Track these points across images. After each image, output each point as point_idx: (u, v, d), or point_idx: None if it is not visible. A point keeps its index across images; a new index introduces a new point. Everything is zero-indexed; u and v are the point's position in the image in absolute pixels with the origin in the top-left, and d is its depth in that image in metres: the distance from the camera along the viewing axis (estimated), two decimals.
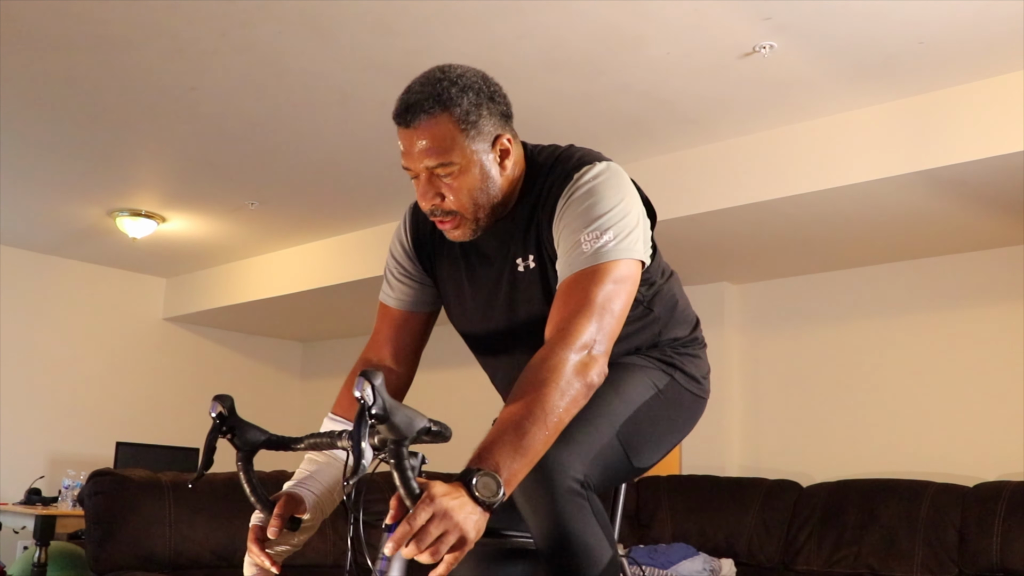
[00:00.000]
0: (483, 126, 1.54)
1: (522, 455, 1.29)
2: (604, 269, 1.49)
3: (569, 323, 1.44)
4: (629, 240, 1.53)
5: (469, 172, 1.54)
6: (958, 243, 4.75)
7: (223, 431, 1.42)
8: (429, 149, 1.51)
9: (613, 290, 1.49)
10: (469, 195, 1.55)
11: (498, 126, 1.57)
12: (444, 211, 1.57)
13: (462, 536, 1.20)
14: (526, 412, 1.33)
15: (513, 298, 1.66)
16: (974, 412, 4.69)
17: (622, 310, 1.51)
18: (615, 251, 1.50)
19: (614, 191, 1.56)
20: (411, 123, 1.51)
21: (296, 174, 5.07)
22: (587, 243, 1.50)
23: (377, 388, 1.17)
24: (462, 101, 1.51)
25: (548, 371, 1.38)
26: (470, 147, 1.53)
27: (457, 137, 1.51)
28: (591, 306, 1.45)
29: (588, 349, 1.43)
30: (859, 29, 3.33)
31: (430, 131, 1.50)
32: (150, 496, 3.34)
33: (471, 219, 1.58)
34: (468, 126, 1.52)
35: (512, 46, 3.54)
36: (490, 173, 1.57)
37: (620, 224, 1.53)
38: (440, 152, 1.51)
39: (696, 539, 4.79)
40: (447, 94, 1.51)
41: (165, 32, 3.53)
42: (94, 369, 7.13)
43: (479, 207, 1.58)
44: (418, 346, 1.83)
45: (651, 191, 1.76)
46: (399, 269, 1.80)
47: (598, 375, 1.43)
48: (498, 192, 1.59)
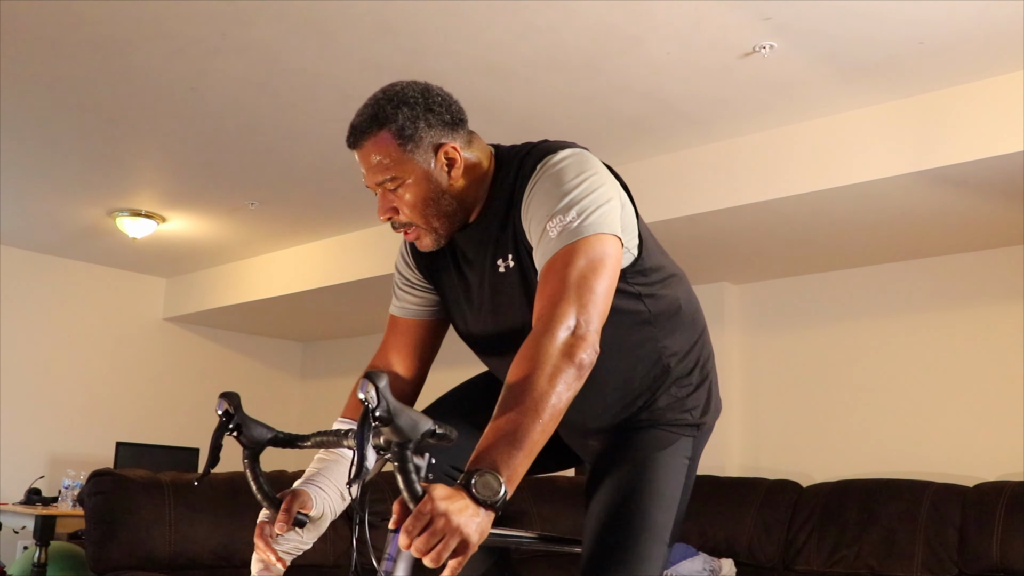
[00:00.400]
0: (421, 138, 1.56)
1: (518, 448, 1.28)
2: (575, 248, 1.47)
3: (548, 311, 1.42)
4: (597, 215, 1.50)
5: (415, 184, 1.57)
6: (958, 243, 4.75)
7: (230, 429, 1.42)
8: (375, 166, 1.57)
9: (587, 266, 1.45)
10: (417, 206, 1.59)
11: (440, 135, 1.58)
12: (399, 223, 1.62)
13: (463, 540, 1.19)
14: (517, 405, 1.32)
15: (496, 299, 1.66)
16: (974, 412, 4.69)
17: (604, 286, 1.47)
18: (582, 228, 1.48)
19: (575, 172, 1.54)
20: (355, 145, 1.58)
21: (296, 174, 5.07)
22: (553, 228, 1.49)
23: (381, 390, 1.17)
24: (397, 117, 1.55)
25: (532, 360, 1.36)
26: (411, 160, 1.56)
27: (396, 152, 1.56)
28: (567, 287, 1.43)
29: (571, 330, 1.40)
30: (859, 29, 3.33)
31: (373, 149, 1.56)
32: (150, 496, 3.34)
33: (427, 229, 1.62)
34: (405, 140, 1.55)
35: (512, 46, 3.54)
36: (438, 183, 1.59)
37: (585, 201, 1.50)
38: (383, 168, 1.56)
39: (696, 539, 4.79)
40: (383, 112, 1.56)
41: (165, 32, 3.53)
42: (94, 369, 7.12)
43: (431, 217, 1.61)
44: (426, 355, 1.83)
45: (651, 191, 1.77)
46: (402, 279, 1.83)
47: (587, 354, 1.40)
48: (450, 200, 1.61)
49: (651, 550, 1.59)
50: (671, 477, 1.67)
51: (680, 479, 1.68)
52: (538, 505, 4.75)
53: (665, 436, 1.70)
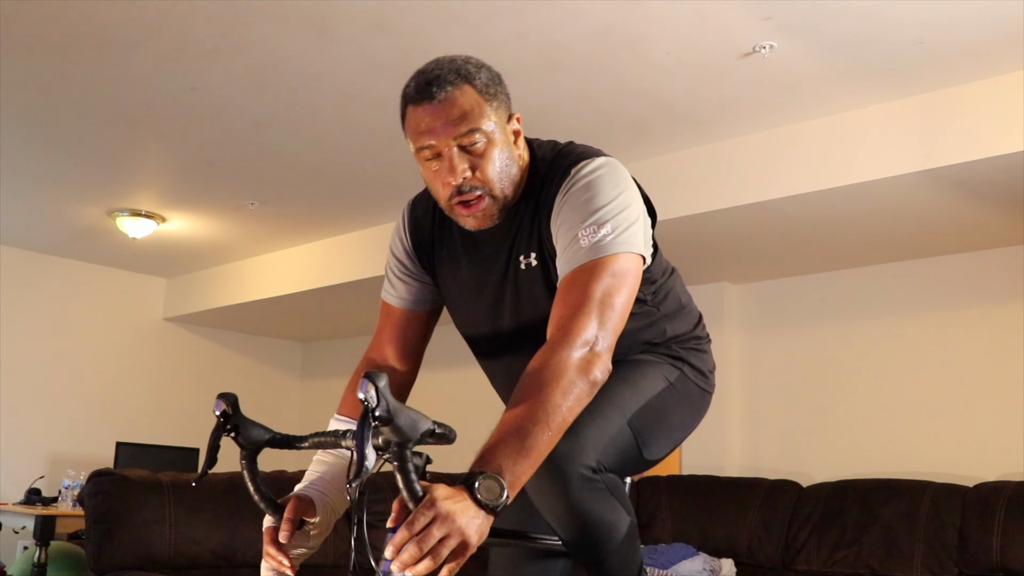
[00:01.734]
0: (501, 99, 1.56)
1: (525, 456, 1.28)
2: (603, 263, 1.47)
3: (569, 321, 1.42)
4: (628, 234, 1.51)
5: (495, 143, 1.54)
6: (958, 243, 4.75)
7: (227, 429, 1.41)
8: (460, 117, 1.50)
9: (613, 284, 1.46)
10: (497, 168, 1.54)
11: (510, 106, 1.59)
12: (473, 186, 1.54)
13: (463, 541, 1.18)
14: (528, 413, 1.31)
15: (517, 297, 1.64)
16: (974, 412, 4.69)
17: (624, 305, 1.48)
18: (614, 244, 1.48)
19: (612, 185, 1.54)
20: (436, 96, 1.50)
21: (296, 174, 5.07)
22: (585, 238, 1.49)
23: (381, 390, 1.17)
24: (480, 75, 1.54)
25: (549, 371, 1.36)
26: (493, 117, 1.54)
27: (484, 106, 1.52)
28: (591, 302, 1.43)
29: (590, 346, 1.40)
30: (859, 29, 3.33)
31: (457, 101, 1.50)
32: (150, 496, 3.34)
33: (498, 197, 1.56)
34: (490, 97, 1.53)
35: (512, 46, 3.54)
36: (511, 148, 1.58)
37: (618, 217, 1.51)
38: (469, 119, 1.51)
39: (696, 539, 4.79)
40: (465, 69, 1.53)
41: (165, 32, 3.53)
42: (94, 369, 7.12)
43: (505, 183, 1.56)
44: (421, 344, 1.82)
45: (651, 191, 1.76)
46: (399, 267, 1.79)
47: (601, 372, 1.41)
48: (516, 172, 1.59)
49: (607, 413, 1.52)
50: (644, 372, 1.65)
51: (655, 384, 1.64)
52: None
53: (648, 355, 1.70)
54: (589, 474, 1.43)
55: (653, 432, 1.60)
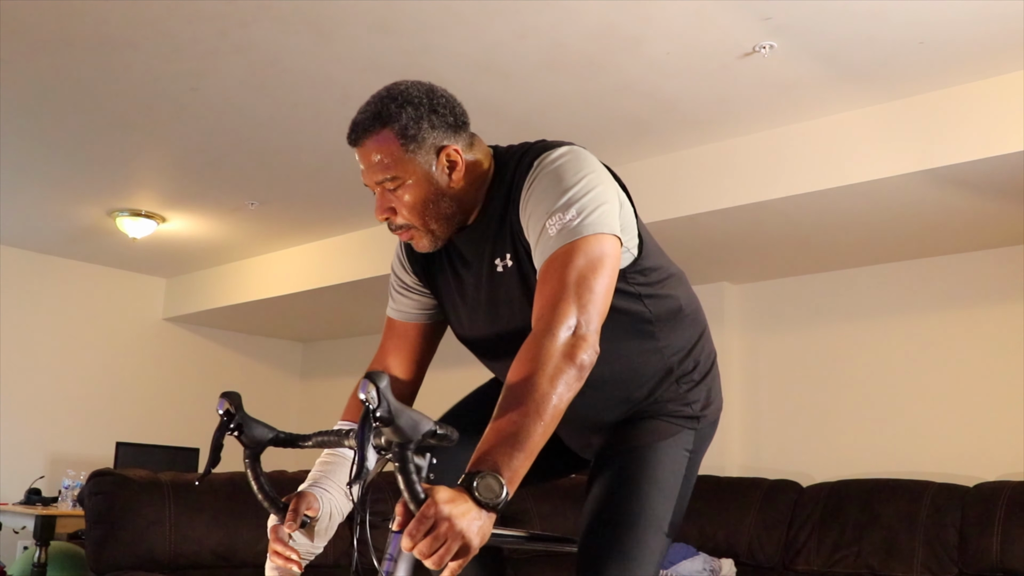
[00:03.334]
0: (424, 139, 1.55)
1: (520, 450, 1.28)
2: (574, 247, 1.46)
3: (549, 310, 1.41)
4: (596, 214, 1.49)
5: (415, 186, 1.56)
6: (958, 243, 4.75)
7: (230, 428, 1.42)
8: (375, 165, 1.55)
9: (587, 265, 1.44)
10: (416, 208, 1.57)
11: (442, 137, 1.57)
12: (396, 225, 1.60)
13: (465, 543, 1.19)
14: (518, 406, 1.31)
15: (494, 299, 1.65)
16: (974, 412, 4.69)
17: (604, 286, 1.46)
18: (581, 227, 1.47)
19: (574, 170, 1.53)
20: (356, 142, 1.57)
21: (296, 174, 5.07)
22: (552, 226, 1.48)
23: (382, 390, 1.17)
24: (401, 116, 1.54)
25: (534, 361, 1.35)
26: (413, 160, 1.55)
27: (398, 152, 1.54)
28: (566, 287, 1.42)
29: (572, 330, 1.39)
30: (859, 29, 3.33)
31: (374, 148, 1.55)
32: (150, 496, 3.34)
33: (424, 231, 1.60)
34: (407, 140, 1.54)
35: (512, 46, 3.54)
36: (438, 185, 1.58)
37: (584, 200, 1.49)
38: (384, 167, 1.55)
39: (696, 539, 4.79)
40: (387, 111, 1.54)
41: (165, 32, 3.53)
42: (94, 369, 7.13)
43: (429, 219, 1.59)
44: (423, 358, 1.84)
45: (651, 191, 1.76)
46: (399, 282, 1.82)
47: (588, 355, 1.39)
48: (449, 203, 1.60)
49: (649, 538, 1.58)
50: (670, 466, 1.66)
51: (680, 470, 1.67)
52: (538, 504, 4.75)
53: (665, 427, 1.70)
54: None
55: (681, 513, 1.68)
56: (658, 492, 1.62)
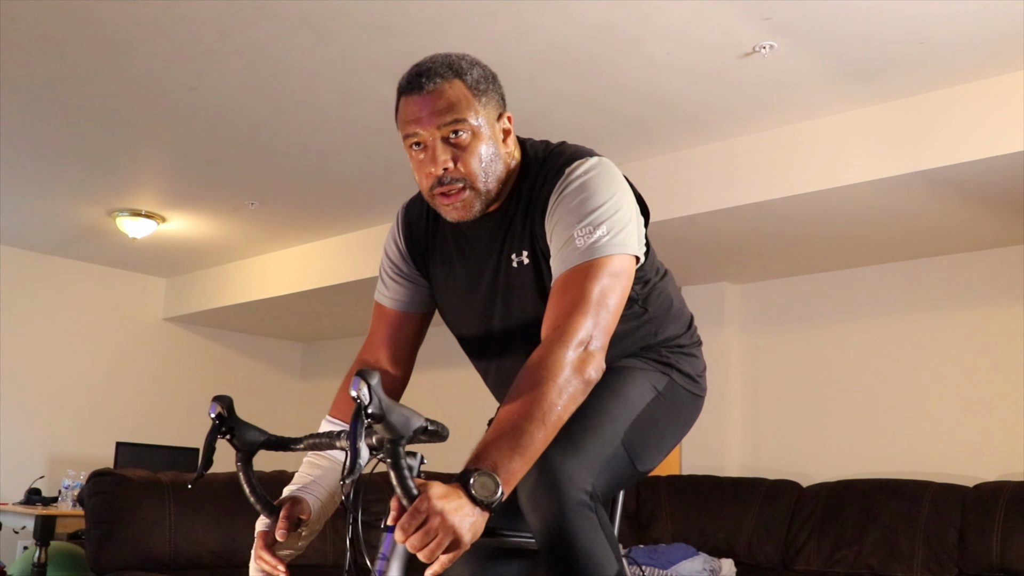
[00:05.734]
0: (491, 96, 1.58)
1: (520, 454, 1.28)
2: (599, 264, 1.48)
3: (565, 320, 1.43)
4: (623, 235, 1.52)
5: (480, 138, 1.55)
6: (958, 243, 4.75)
7: (222, 432, 1.42)
8: (445, 108, 1.52)
9: (608, 285, 1.47)
10: (481, 159, 1.55)
11: (501, 104, 1.61)
12: (454, 178, 1.54)
13: (456, 539, 1.20)
14: (524, 411, 1.32)
15: (508, 294, 1.65)
16: (974, 412, 4.69)
17: (617, 305, 1.49)
18: (609, 246, 1.49)
19: (606, 186, 1.55)
20: (425, 87, 1.53)
21: (296, 174, 5.07)
22: (581, 238, 1.49)
23: (373, 387, 1.17)
24: (473, 71, 1.56)
25: (545, 369, 1.37)
26: (482, 112, 1.56)
27: (471, 100, 1.55)
28: (587, 302, 1.44)
29: (585, 345, 1.41)
30: (859, 29, 3.33)
31: (445, 92, 1.53)
32: (150, 496, 3.34)
33: (480, 190, 1.56)
34: (479, 93, 1.56)
35: (512, 46, 3.54)
36: (497, 144, 1.59)
37: (613, 219, 1.52)
38: (455, 109, 1.53)
39: (696, 539, 4.79)
40: (458, 64, 1.56)
41: (165, 32, 3.53)
42: (94, 369, 7.13)
43: (489, 176, 1.57)
44: (414, 346, 1.83)
45: (651, 191, 1.77)
46: (393, 269, 1.80)
47: (596, 371, 1.42)
48: (502, 169, 1.59)
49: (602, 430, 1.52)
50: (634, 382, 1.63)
51: (644, 395, 1.63)
52: None
53: (636, 361, 1.69)
54: (585, 498, 1.42)
55: (646, 445, 1.60)
56: (615, 396, 1.56)
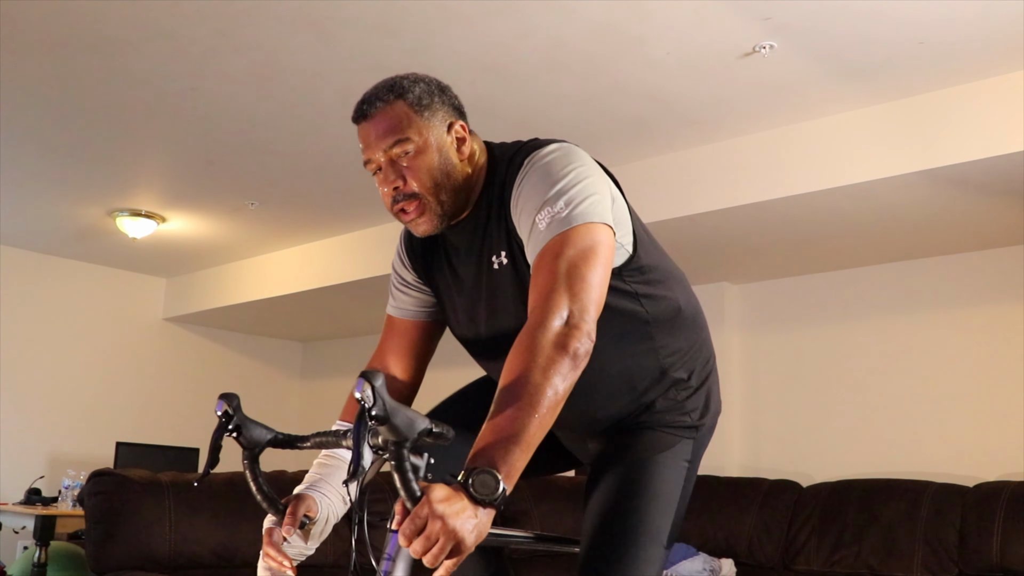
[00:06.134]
0: (436, 110, 1.59)
1: (516, 445, 1.26)
2: (564, 238, 1.45)
3: (540, 303, 1.40)
4: (586, 204, 1.48)
5: (427, 151, 1.57)
6: (958, 243, 4.75)
7: (229, 430, 1.42)
8: (387, 130, 1.56)
9: (577, 255, 1.43)
10: (429, 175, 1.57)
11: (452, 114, 1.62)
12: (405, 195, 1.57)
13: (458, 542, 1.18)
14: (512, 400, 1.30)
15: (492, 296, 1.65)
16: (974, 412, 4.69)
17: (598, 276, 1.44)
18: (570, 218, 1.46)
19: (562, 164, 1.54)
20: (367, 113, 1.58)
21: (296, 174, 5.07)
22: (542, 220, 1.48)
23: (377, 389, 1.17)
24: (414, 89, 1.59)
25: (527, 352, 1.34)
26: (426, 126, 1.57)
27: (412, 117, 1.57)
28: (557, 278, 1.41)
29: (565, 320, 1.38)
30: (859, 29, 3.33)
31: (386, 116, 1.57)
32: (150, 496, 3.34)
33: (434, 203, 1.57)
34: (421, 108, 1.58)
35: (512, 46, 3.54)
36: (448, 155, 1.59)
37: (572, 191, 1.49)
38: (397, 130, 1.56)
39: (696, 539, 4.79)
40: (399, 86, 1.59)
41: (165, 32, 3.53)
42: (94, 369, 7.13)
43: (440, 189, 1.57)
44: (422, 357, 1.83)
45: (651, 191, 1.77)
46: (399, 279, 1.83)
47: (582, 344, 1.37)
48: (458, 176, 1.60)
49: (648, 552, 1.58)
50: (669, 479, 1.66)
51: (679, 482, 1.67)
52: (538, 505, 4.75)
53: (664, 438, 1.69)
54: None
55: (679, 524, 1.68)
56: (656, 506, 1.61)
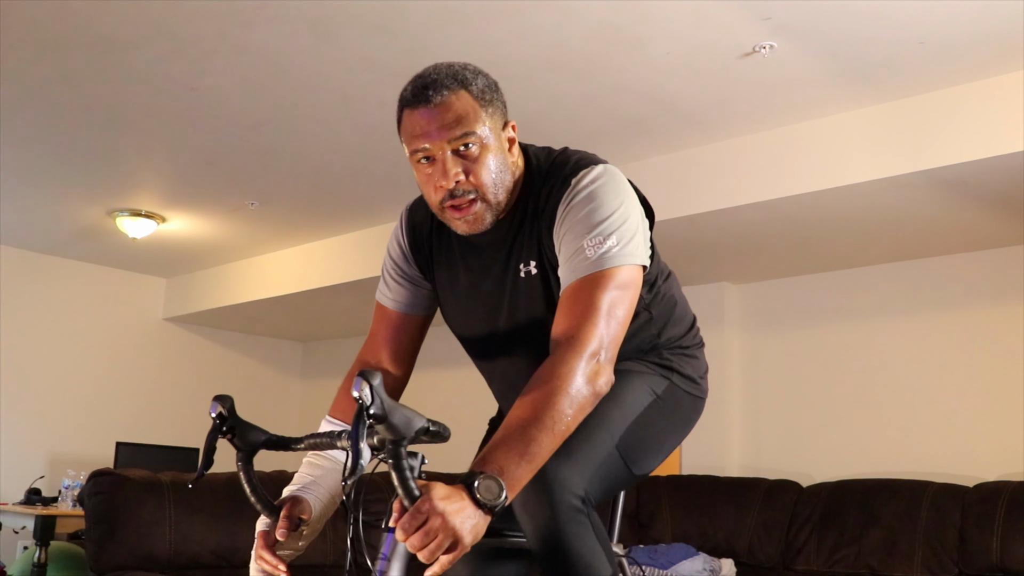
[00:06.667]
0: (497, 107, 1.57)
1: (528, 461, 1.29)
2: (608, 275, 1.48)
3: (576, 330, 1.43)
4: (632, 245, 1.53)
5: (489, 148, 1.54)
6: (958, 243, 4.75)
7: (223, 431, 1.42)
8: (454, 121, 1.51)
9: (618, 296, 1.48)
10: (490, 172, 1.54)
11: (505, 113, 1.60)
12: (465, 190, 1.53)
13: (456, 540, 1.20)
14: (534, 418, 1.32)
15: (515, 303, 1.65)
16: (974, 412, 4.69)
17: (626, 316, 1.50)
18: (619, 256, 1.50)
19: (613, 195, 1.55)
20: (432, 99, 1.51)
21: (296, 174, 5.07)
22: (590, 249, 1.50)
23: (375, 388, 1.17)
24: (477, 81, 1.55)
25: (559, 378, 1.37)
26: (489, 122, 1.54)
27: (479, 111, 1.53)
28: (597, 313, 1.45)
29: (596, 357, 1.42)
30: (859, 29, 3.33)
31: (453, 105, 1.51)
32: (150, 496, 3.34)
33: (491, 202, 1.56)
34: (486, 103, 1.55)
35: (512, 46, 3.54)
36: (504, 154, 1.58)
37: (622, 229, 1.52)
38: (464, 122, 1.51)
39: (696, 539, 4.79)
40: (462, 75, 1.54)
41: (165, 32, 3.53)
42: (94, 369, 7.13)
43: (499, 188, 1.56)
44: (414, 348, 1.83)
45: (651, 191, 1.77)
46: (396, 270, 1.80)
47: (606, 383, 1.43)
48: (510, 179, 1.59)
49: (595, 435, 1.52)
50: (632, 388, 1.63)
51: (642, 399, 1.64)
52: None
53: (636, 364, 1.69)
54: (578, 504, 1.43)
55: (642, 449, 1.61)
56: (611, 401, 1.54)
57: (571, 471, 1.44)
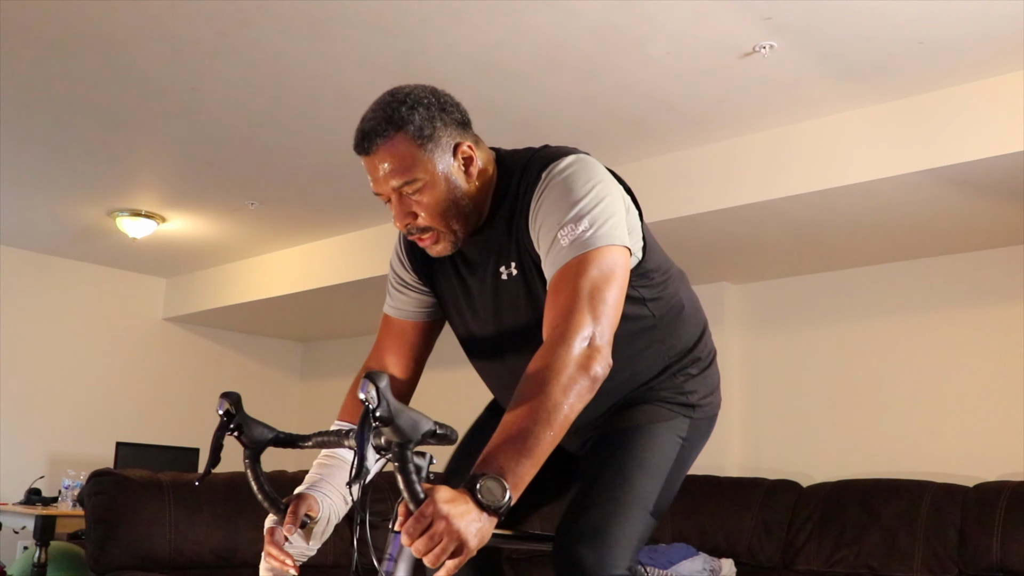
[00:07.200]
0: (439, 137, 1.55)
1: (527, 457, 1.28)
2: (587, 259, 1.46)
3: (563, 320, 1.42)
4: (608, 226, 1.50)
5: (435, 186, 1.54)
6: (958, 243, 4.75)
7: (230, 429, 1.42)
8: (392, 170, 1.53)
9: (600, 277, 1.45)
10: (439, 208, 1.55)
11: (455, 135, 1.57)
12: (419, 228, 1.58)
13: (461, 543, 1.19)
14: (529, 413, 1.31)
15: (499, 306, 1.66)
16: (974, 412, 4.69)
17: (615, 298, 1.47)
18: (594, 239, 1.48)
19: (584, 180, 1.54)
20: (369, 150, 1.54)
21: (296, 174, 5.07)
22: (565, 236, 1.48)
23: (382, 390, 1.17)
24: (414, 118, 1.53)
25: (549, 370, 1.36)
26: (431, 160, 1.54)
27: (416, 153, 1.53)
28: (580, 298, 1.43)
29: (588, 341, 1.40)
30: (859, 29, 3.33)
31: (389, 153, 1.53)
32: (150, 496, 3.34)
33: (447, 232, 1.59)
34: (424, 140, 1.53)
35: (512, 46, 3.54)
36: (456, 183, 1.57)
37: (595, 211, 1.50)
38: (402, 171, 1.53)
39: (696, 539, 4.79)
40: (397, 114, 1.53)
41: (165, 32, 3.53)
42: (94, 369, 7.12)
43: (452, 219, 1.58)
44: (420, 356, 1.84)
45: (651, 191, 1.77)
46: (397, 280, 1.82)
47: (602, 367, 1.40)
48: (469, 201, 1.59)
49: (630, 516, 1.56)
50: (661, 447, 1.65)
51: (671, 455, 1.65)
52: None
53: (659, 411, 1.69)
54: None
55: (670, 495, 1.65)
56: (644, 472, 1.58)
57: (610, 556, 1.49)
